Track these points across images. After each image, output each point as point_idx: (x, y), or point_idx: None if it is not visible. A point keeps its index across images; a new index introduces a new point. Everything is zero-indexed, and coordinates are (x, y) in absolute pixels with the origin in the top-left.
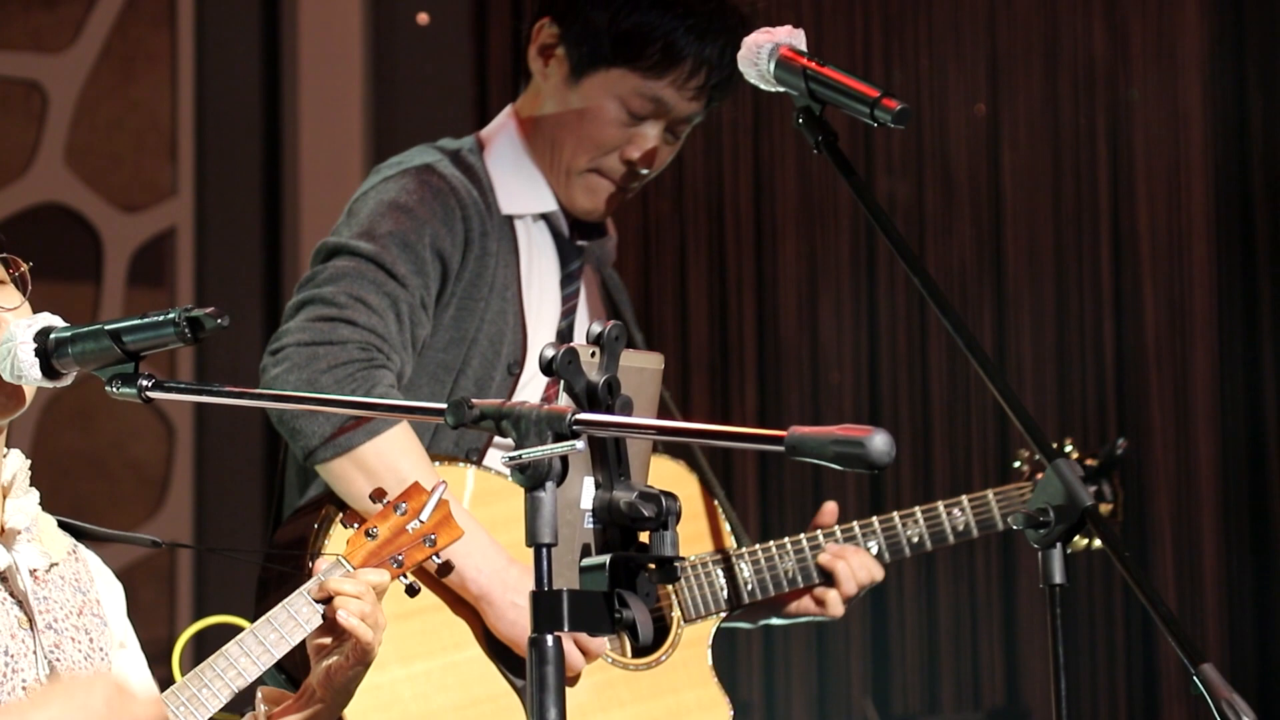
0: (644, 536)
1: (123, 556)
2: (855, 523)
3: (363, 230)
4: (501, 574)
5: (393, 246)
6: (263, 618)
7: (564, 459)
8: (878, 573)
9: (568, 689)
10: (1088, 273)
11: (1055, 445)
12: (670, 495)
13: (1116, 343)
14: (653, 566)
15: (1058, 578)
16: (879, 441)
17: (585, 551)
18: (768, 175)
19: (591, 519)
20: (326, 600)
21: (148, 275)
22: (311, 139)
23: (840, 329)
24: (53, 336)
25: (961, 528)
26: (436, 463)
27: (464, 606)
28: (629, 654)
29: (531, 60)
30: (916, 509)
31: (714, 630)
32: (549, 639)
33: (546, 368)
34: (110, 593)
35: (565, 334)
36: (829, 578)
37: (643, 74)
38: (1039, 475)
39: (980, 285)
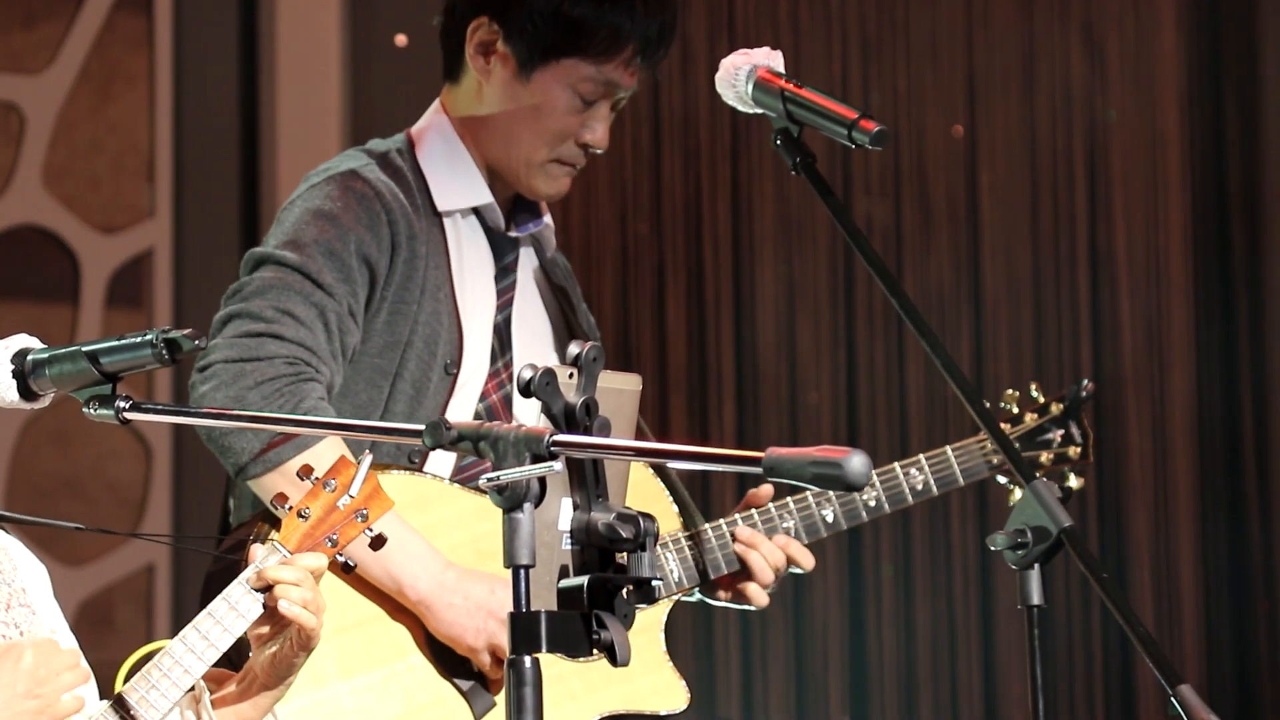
0: (622, 557)
1: (101, 578)
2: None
3: (288, 239)
4: (439, 577)
5: (318, 255)
6: (203, 611)
7: (542, 480)
8: (802, 557)
9: None
10: (1065, 293)
11: (1019, 392)
12: (648, 516)
13: (1094, 363)
14: (631, 588)
15: (1035, 598)
16: (856, 462)
17: (563, 573)
18: (746, 196)
19: (569, 540)
20: (265, 589)
21: (125, 297)
22: (289, 161)
23: (818, 350)
24: (30, 358)
25: (920, 487)
26: (385, 470)
27: (404, 614)
28: None
29: (470, 59)
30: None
31: (666, 614)
32: (527, 660)
33: (524, 390)
34: (34, 578)
35: (502, 328)
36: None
37: (593, 60)
38: (1003, 425)
39: (958, 306)
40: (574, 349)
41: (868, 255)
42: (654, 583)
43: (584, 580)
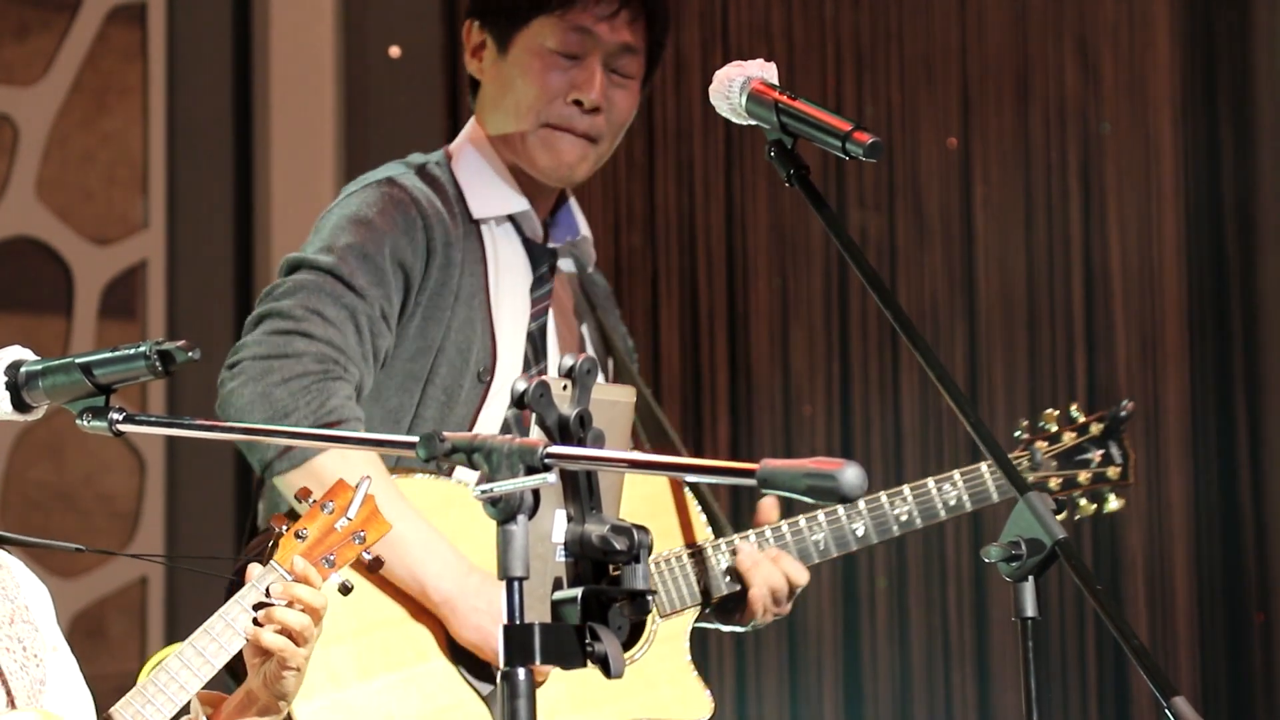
0: (616, 569)
1: (93, 591)
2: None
3: (323, 245)
4: (462, 581)
5: (351, 258)
6: (200, 629)
7: (536, 492)
8: (794, 571)
9: (539, 689)
10: (1059, 306)
11: (1059, 411)
12: (642, 529)
13: (1088, 375)
14: (625, 600)
15: (1030, 610)
16: (851, 474)
17: (557, 585)
18: (740, 208)
19: (563, 552)
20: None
21: (119, 308)
22: (283, 172)
23: (812, 362)
24: (23, 370)
25: (954, 502)
26: (410, 474)
27: (426, 616)
28: None
29: (469, 66)
30: (905, 487)
31: (690, 625)
32: (520, 673)
33: (518, 401)
34: (37, 596)
35: (536, 336)
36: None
37: (557, 13)
38: (1038, 443)
39: (952, 318)
40: (568, 360)
41: (862, 267)
42: (649, 596)
43: (578, 592)
